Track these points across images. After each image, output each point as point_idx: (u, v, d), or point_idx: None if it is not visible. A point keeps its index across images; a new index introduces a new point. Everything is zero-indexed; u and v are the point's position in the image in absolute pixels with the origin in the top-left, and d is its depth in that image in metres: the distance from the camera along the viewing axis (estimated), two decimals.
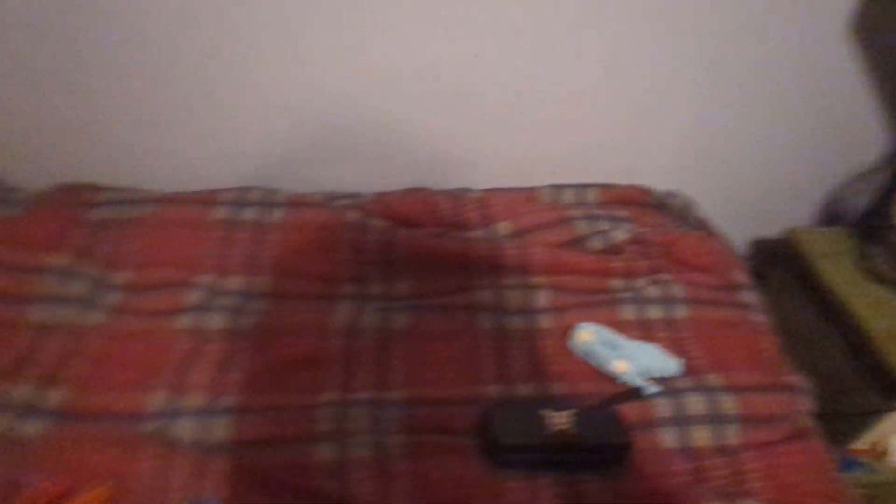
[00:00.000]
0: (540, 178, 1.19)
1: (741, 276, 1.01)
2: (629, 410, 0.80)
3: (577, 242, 1.04)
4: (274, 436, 0.78)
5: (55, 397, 0.80)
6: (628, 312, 0.94)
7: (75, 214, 1.00)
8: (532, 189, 1.17)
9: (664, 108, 1.12)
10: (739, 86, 1.08)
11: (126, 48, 0.96)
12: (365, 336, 0.89)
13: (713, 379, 0.84)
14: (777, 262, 1.25)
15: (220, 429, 0.78)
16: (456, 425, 0.79)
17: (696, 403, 0.81)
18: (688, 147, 1.19)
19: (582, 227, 1.05)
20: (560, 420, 0.73)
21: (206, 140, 1.08)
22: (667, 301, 0.95)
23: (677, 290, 0.97)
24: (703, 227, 1.12)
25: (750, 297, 0.98)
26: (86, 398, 0.80)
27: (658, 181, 1.20)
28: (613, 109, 1.12)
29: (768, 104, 1.12)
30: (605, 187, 1.18)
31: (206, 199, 1.02)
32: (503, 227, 1.05)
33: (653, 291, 0.97)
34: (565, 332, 0.91)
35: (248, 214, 1.02)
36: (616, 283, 1.00)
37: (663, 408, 0.80)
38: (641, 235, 1.05)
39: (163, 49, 0.97)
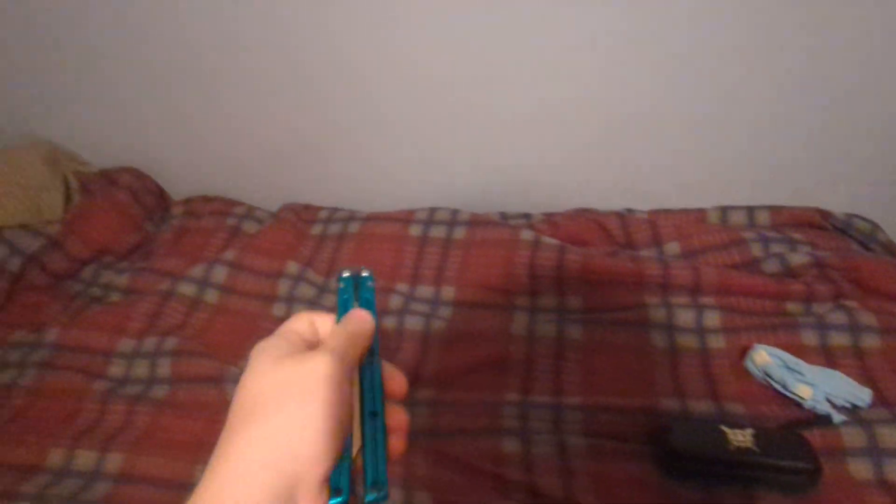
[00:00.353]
0: (706, 199, 1.20)
1: None
2: (813, 437, 0.80)
3: (751, 264, 1.04)
4: (465, 427, 0.90)
5: None
6: (809, 337, 0.93)
7: (302, 230, 1.22)
8: (699, 210, 1.18)
9: (845, 124, 1.08)
10: None
11: (343, 99, 1.17)
12: (542, 344, 0.99)
13: None
14: None
15: (421, 417, 0.92)
16: (632, 433, 0.85)
17: (892, 436, 0.78)
18: (872, 166, 1.13)
19: (756, 250, 1.05)
20: (741, 438, 0.76)
21: (402, 169, 1.26)
22: (854, 329, 0.92)
23: (866, 318, 0.94)
24: (891, 253, 1.06)
25: None
26: None
27: (836, 203, 1.15)
28: (790, 128, 1.10)
29: None
30: (776, 209, 1.16)
31: (404, 217, 1.19)
32: (673, 247, 1.09)
33: (837, 317, 0.95)
34: (740, 352, 0.93)
35: (437, 232, 1.16)
36: (794, 306, 0.99)
37: (853, 438, 0.79)
38: (822, 259, 1.02)
39: (375, 97, 1.16)
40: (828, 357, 0.91)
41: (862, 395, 0.83)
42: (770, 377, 0.87)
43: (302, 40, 1.10)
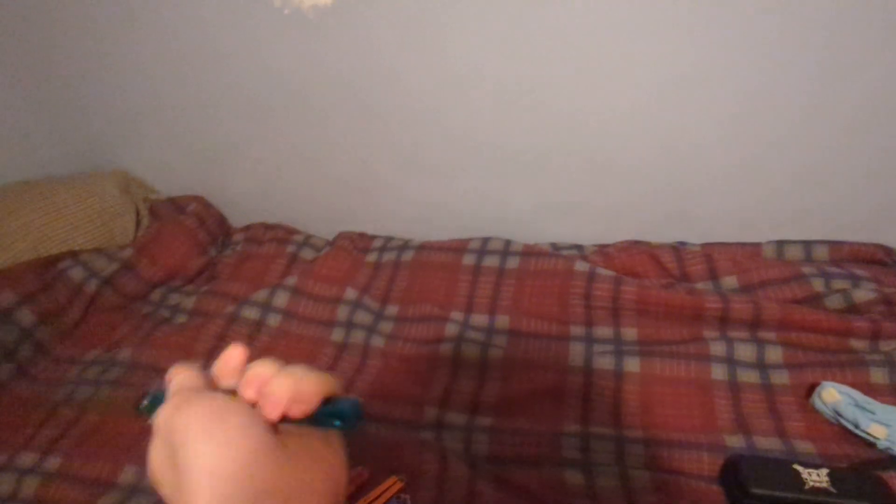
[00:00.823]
0: (762, 233, 1.20)
1: None
2: (890, 478, 0.78)
3: (813, 300, 1.03)
4: (526, 456, 0.90)
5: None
6: (879, 376, 0.91)
7: (357, 258, 1.26)
8: (754, 245, 1.18)
9: None
10: None
11: (403, 132, 1.22)
12: (600, 375, 0.99)
13: None
14: None
15: (481, 444, 0.92)
16: (697, 469, 0.84)
17: None
18: None
19: (818, 285, 1.04)
20: (816, 477, 0.75)
21: (455, 200, 1.29)
22: None
23: None
24: None
25: None
26: (371, 406, 1.01)
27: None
28: (850, 164, 1.10)
29: None
30: (835, 244, 1.15)
31: (458, 246, 1.21)
32: (730, 281, 1.09)
33: None
34: (806, 389, 0.91)
35: (490, 261, 1.19)
36: (860, 343, 0.97)
37: None
38: (888, 296, 1.00)
39: (433, 131, 1.20)
40: None
41: None
42: (840, 415, 0.85)
43: (364, 74, 1.16)
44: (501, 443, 0.92)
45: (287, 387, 0.31)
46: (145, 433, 0.30)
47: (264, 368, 0.32)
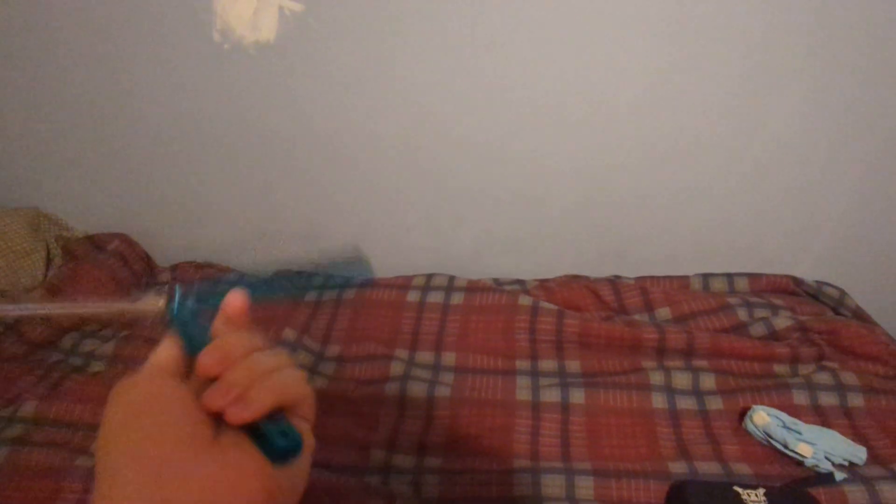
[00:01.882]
0: (689, 267, 1.27)
1: None
2: (818, 494, 0.82)
3: (739, 328, 1.10)
4: (477, 496, 0.87)
5: None
6: (801, 398, 0.97)
7: (296, 297, 1.21)
8: (682, 277, 1.25)
9: (819, 198, 1.18)
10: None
11: (339, 170, 1.21)
12: (547, 408, 0.99)
13: None
14: None
15: (432, 486, 0.89)
16: (645, 497, 0.85)
17: (892, 492, 0.81)
18: (841, 236, 1.23)
19: (742, 314, 1.11)
20: (755, 497, 0.78)
21: (397, 236, 1.29)
22: (840, 388, 0.98)
23: (849, 379, 0.99)
24: (860, 318, 1.14)
25: None
26: (313, 452, 0.95)
27: (807, 271, 1.24)
28: (762, 205, 1.20)
29: None
30: (754, 276, 1.24)
31: (401, 283, 1.20)
32: (664, 313, 1.14)
33: (823, 378, 1.00)
34: (738, 413, 0.96)
35: (435, 297, 1.18)
36: (782, 368, 1.04)
37: (857, 495, 0.82)
38: (803, 323, 1.09)
39: (372, 168, 1.20)
40: (820, 416, 0.95)
41: (858, 452, 0.86)
42: (771, 437, 0.90)
43: (286, 113, 1.15)
44: (452, 483, 0.89)
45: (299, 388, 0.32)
46: (52, 497, 0.29)
47: (240, 342, 0.31)
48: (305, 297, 1.21)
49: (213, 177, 1.27)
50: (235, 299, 0.35)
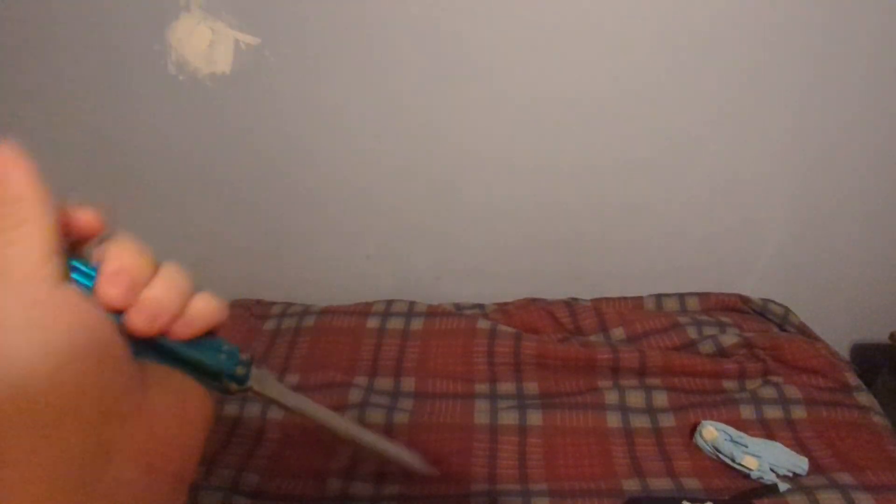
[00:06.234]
0: (642, 287, 1.31)
1: (853, 378, 1.07)
2: None
3: (689, 346, 1.13)
4: None
5: (248, 482, 0.94)
6: (747, 412, 1.01)
7: (254, 326, 1.20)
8: (636, 298, 1.29)
9: (763, 216, 1.24)
10: (836, 191, 1.19)
11: (297, 194, 1.22)
12: (505, 431, 1.00)
13: (845, 477, 0.89)
14: (880, 368, 1.28)
15: None
16: None
17: (832, 501, 0.85)
18: (785, 254, 1.28)
19: (692, 332, 1.15)
20: None
21: (356, 263, 1.30)
22: (784, 402, 1.02)
23: (792, 392, 1.03)
24: (804, 333, 1.19)
25: (867, 398, 1.03)
26: (274, 484, 0.94)
27: (753, 289, 1.30)
28: (710, 226, 1.26)
29: (868, 206, 1.21)
30: (703, 295, 1.28)
31: (361, 310, 1.21)
32: (618, 333, 1.17)
33: (768, 392, 1.04)
34: (689, 429, 0.99)
35: (395, 324, 1.19)
36: (730, 384, 1.08)
37: None
38: (749, 340, 1.13)
39: (330, 191, 1.22)
40: (766, 429, 0.99)
41: (801, 463, 0.90)
42: (719, 451, 0.92)
43: (265, 140, 1.16)
44: None
45: (207, 304, 0.25)
46: None
47: (138, 258, 0.24)
48: (263, 327, 1.21)
49: (163, 212, 1.26)
50: (85, 213, 0.25)
